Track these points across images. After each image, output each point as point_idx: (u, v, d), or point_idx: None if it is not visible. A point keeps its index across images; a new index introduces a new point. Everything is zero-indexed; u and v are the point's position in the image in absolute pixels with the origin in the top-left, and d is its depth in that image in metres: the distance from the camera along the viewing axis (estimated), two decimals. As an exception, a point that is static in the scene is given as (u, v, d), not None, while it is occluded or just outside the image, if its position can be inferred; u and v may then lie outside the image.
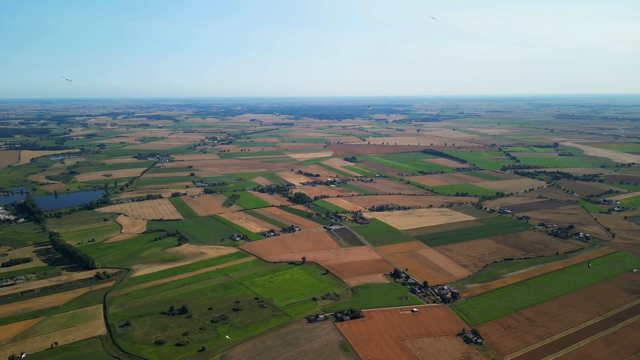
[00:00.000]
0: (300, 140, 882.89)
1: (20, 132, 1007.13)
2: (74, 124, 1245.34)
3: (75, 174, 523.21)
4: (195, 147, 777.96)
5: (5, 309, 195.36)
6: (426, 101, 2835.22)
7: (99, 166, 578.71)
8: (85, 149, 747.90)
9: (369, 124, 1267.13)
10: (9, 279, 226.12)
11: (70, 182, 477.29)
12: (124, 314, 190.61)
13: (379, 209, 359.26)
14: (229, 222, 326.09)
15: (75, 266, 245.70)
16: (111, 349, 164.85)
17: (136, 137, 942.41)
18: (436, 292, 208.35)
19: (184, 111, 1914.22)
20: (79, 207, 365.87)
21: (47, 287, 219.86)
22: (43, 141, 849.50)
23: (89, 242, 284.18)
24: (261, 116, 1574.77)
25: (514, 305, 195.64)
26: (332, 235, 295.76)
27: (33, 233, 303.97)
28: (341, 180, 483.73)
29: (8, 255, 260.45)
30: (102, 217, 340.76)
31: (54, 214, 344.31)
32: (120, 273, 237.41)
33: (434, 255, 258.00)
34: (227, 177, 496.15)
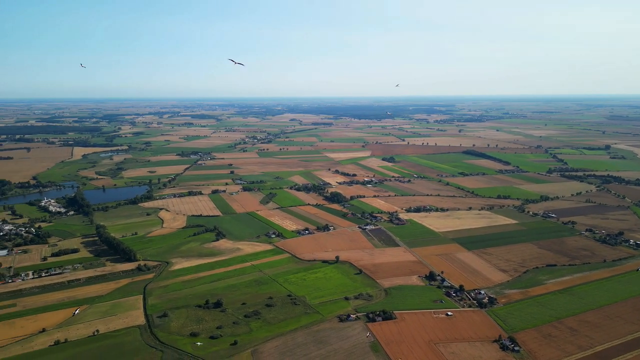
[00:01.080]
0: (339, 139, 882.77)
1: (73, 130, 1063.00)
2: (123, 123, 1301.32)
3: (123, 170, 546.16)
4: (236, 145, 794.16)
5: (53, 297, 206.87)
6: (469, 101, 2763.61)
7: (144, 163, 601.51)
8: (133, 146, 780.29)
9: (409, 124, 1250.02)
10: (57, 268, 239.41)
11: (118, 178, 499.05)
12: (162, 305, 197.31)
13: (416, 210, 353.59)
14: (265, 220, 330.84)
15: (118, 258, 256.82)
16: (149, 338, 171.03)
17: (180, 135, 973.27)
18: (472, 297, 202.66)
19: (227, 111, 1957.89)
20: (125, 202, 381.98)
21: (92, 277, 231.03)
22: (94, 138, 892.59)
23: (132, 235, 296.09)
24: (301, 116, 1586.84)
25: (555, 313, 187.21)
26: (367, 236, 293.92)
27: (81, 225, 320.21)
28: (378, 180, 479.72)
29: (58, 245, 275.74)
30: (145, 212, 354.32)
31: (101, 208, 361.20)
32: (160, 266, 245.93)
33: (472, 259, 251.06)
34: (265, 176, 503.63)
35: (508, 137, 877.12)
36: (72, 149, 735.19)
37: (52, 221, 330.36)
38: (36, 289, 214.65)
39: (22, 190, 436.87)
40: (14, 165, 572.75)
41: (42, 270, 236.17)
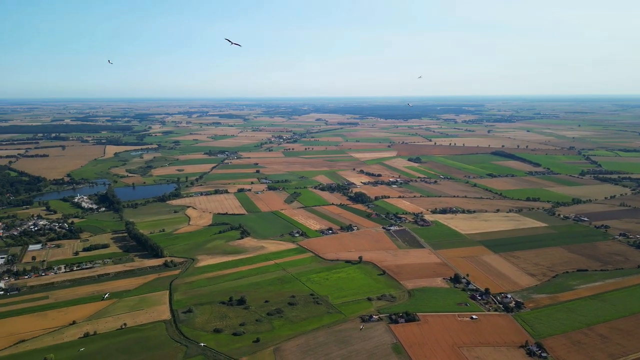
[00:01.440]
0: (364, 139, 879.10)
1: (106, 129, 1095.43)
2: (153, 122, 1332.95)
3: (152, 168, 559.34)
4: (262, 145, 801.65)
5: (84, 290, 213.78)
6: (499, 101, 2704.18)
7: (173, 161, 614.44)
8: (162, 145, 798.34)
9: (436, 124, 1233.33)
10: (88, 263, 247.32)
11: (147, 176, 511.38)
12: (187, 301, 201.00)
13: (442, 212, 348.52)
14: (289, 219, 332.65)
15: (146, 254, 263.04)
16: (174, 333, 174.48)
17: (208, 134, 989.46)
18: (498, 301, 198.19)
19: (254, 110, 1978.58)
20: (153, 199, 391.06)
21: (120, 271, 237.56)
22: (125, 137, 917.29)
23: (160, 232, 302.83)
24: (327, 116, 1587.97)
25: (585, 319, 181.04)
26: (391, 236, 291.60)
27: (112, 221, 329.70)
28: (403, 180, 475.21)
29: (89, 240, 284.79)
30: (173, 209, 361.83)
31: (130, 205, 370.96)
32: (186, 262, 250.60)
33: (499, 262, 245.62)
34: (290, 175, 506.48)
35: (539, 138, 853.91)
36: (104, 147, 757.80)
37: (84, 217, 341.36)
38: (68, 282, 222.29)
39: (56, 187, 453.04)
40: (49, 163, 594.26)
41: (74, 264, 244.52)
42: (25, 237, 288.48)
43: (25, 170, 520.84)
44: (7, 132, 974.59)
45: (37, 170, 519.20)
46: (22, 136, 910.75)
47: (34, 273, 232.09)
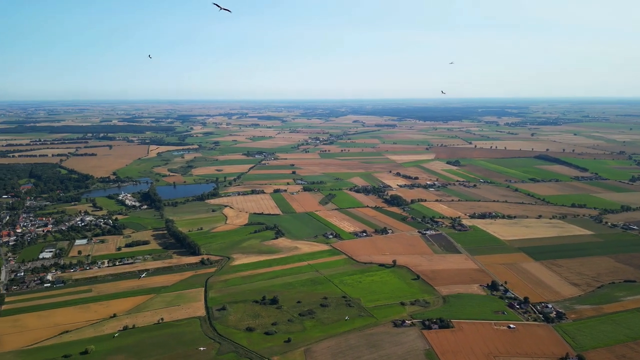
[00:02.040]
0: (401, 141, 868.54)
1: (150, 129, 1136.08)
2: (195, 123, 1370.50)
3: (192, 167, 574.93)
4: (299, 146, 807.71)
5: (125, 285, 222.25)
6: (544, 103, 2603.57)
7: (212, 161, 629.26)
8: (203, 145, 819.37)
9: (477, 126, 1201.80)
10: (129, 258, 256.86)
11: (187, 175, 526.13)
12: (221, 299, 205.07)
13: (481, 216, 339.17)
14: (324, 220, 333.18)
15: (184, 251, 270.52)
16: (208, 329, 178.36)
17: (247, 135, 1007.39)
18: (538, 310, 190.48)
19: (292, 112, 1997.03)
20: (193, 198, 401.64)
21: (159, 268, 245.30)
22: (168, 137, 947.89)
23: (198, 230, 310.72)
24: (364, 117, 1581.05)
25: (631, 332, 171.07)
26: (427, 241, 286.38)
27: (153, 219, 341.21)
28: (441, 184, 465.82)
29: (131, 237, 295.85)
30: (211, 208, 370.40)
31: (171, 203, 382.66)
32: (222, 261, 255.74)
33: (539, 270, 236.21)
34: (326, 176, 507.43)
35: (587, 142, 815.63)
36: (148, 147, 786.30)
37: (127, 214, 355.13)
38: (110, 277, 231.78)
39: (103, 185, 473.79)
40: (97, 161, 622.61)
41: (116, 260, 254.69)
42: (73, 232, 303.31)
43: (74, 169, 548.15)
44: (60, 132, 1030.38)
45: (85, 169, 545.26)
46: (73, 136, 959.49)
47: (79, 267, 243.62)
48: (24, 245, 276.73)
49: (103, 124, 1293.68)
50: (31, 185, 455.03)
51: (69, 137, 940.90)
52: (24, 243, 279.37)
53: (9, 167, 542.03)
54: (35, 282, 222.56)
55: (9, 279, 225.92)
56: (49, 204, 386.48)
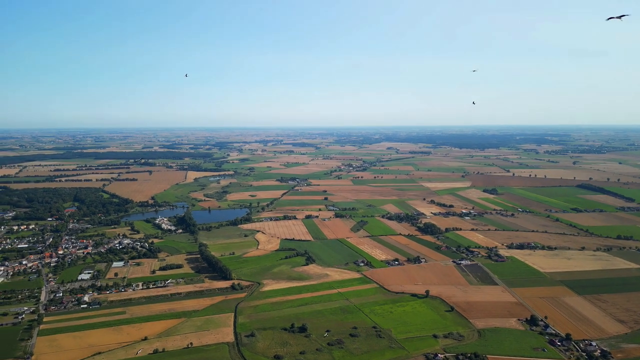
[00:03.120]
0: (436, 169, 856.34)
1: (189, 156, 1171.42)
2: (232, 150, 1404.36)
3: (227, 193, 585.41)
4: (332, 173, 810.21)
5: (157, 308, 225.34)
6: (587, 131, 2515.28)
7: (247, 187, 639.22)
8: (238, 171, 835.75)
9: (515, 154, 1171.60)
10: (163, 281, 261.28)
11: (222, 200, 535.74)
12: (250, 325, 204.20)
13: (519, 247, 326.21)
14: (355, 247, 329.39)
15: (216, 275, 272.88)
16: (236, 356, 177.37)
17: (281, 162, 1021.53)
18: (581, 348, 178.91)
19: (326, 139, 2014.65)
20: (226, 223, 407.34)
21: (191, 291, 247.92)
22: (205, 164, 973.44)
23: (230, 255, 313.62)
24: (398, 144, 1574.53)
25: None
26: (462, 271, 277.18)
27: (187, 243, 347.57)
28: (477, 212, 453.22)
29: (165, 260, 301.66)
30: (243, 233, 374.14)
31: (205, 227, 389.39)
32: (252, 286, 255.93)
33: (582, 305, 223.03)
34: (358, 203, 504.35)
35: (633, 171, 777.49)
36: (186, 172, 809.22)
37: (163, 238, 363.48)
38: (143, 299, 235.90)
39: (141, 209, 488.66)
40: (137, 186, 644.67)
41: (150, 282, 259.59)
42: (111, 254, 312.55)
43: (116, 193, 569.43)
44: (104, 158, 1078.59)
45: (126, 193, 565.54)
46: (116, 161, 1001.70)
47: (114, 289, 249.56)
48: (64, 266, 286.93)
49: (144, 150, 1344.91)
50: (75, 208, 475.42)
51: (112, 162, 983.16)
52: (65, 264, 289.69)
53: (55, 191, 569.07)
54: (73, 303, 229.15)
55: (48, 299, 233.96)
56: (90, 226, 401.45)
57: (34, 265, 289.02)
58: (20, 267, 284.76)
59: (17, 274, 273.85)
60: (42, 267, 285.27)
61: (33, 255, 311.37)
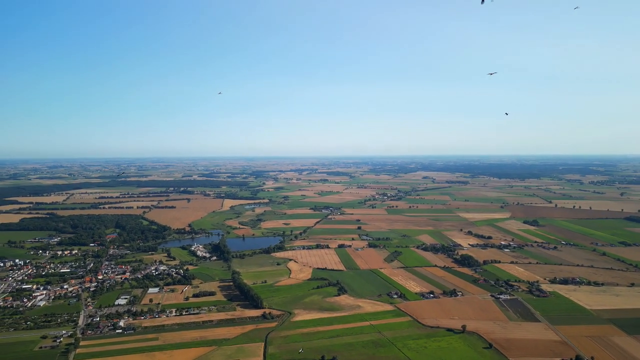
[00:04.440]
0: (474, 199, 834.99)
1: (226, 184, 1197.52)
2: (267, 178, 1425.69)
3: (261, 221, 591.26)
4: (366, 202, 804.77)
5: (188, 335, 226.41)
6: (635, 161, 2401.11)
7: (281, 215, 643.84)
8: (273, 199, 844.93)
9: (557, 184, 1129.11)
10: (196, 308, 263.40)
11: (256, 228, 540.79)
12: (280, 356, 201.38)
13: (562, 282, 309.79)
14: (388, 278, 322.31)
15: (247, 304, 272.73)
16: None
17: (315, 190, 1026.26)
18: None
19: (360, 168, 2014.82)
20: (259, 251, 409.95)
21: (223, 319, 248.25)
22: (242, 192, 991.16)
23: (262, 283, 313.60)
24: (434, 174, 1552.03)
25: None
26: (501, 306, 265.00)
27: (220, 270, 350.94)
28: (517, 244, 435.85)
29: (199, 287, 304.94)
30: (276, 261, 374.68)
31: (238, 255, 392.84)
32: (283, 315, 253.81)
33: (633, 345, 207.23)
34: (392, 233, 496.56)
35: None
36: (222, 200, 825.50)
37: (197, 265, 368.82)
38: (176, 326, 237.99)
39: (178, 236, 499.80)
40: (175, 213, 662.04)
41: (183, 309, 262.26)
42: (147, 280, 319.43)
43: (154, 220, 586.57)
44: (146, 186, 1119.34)
45: (164, 220, 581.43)
46: (157, 189, 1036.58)
47: (149, 314, 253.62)
48: (103, 291, 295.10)
49: (184, 179, 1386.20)
50: (116, 234, 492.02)
51: (153, 190, 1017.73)
52: (103, 289, 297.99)
53: (98, 218, 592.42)
54: (109, 328, 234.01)
55: (85, 324, 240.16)
56: (129, 252, 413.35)
57: (75, 289, 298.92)
58: (61, 291, 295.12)
59: (58, 297, 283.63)
60: (81, 291, 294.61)
61: (74, 279, 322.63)
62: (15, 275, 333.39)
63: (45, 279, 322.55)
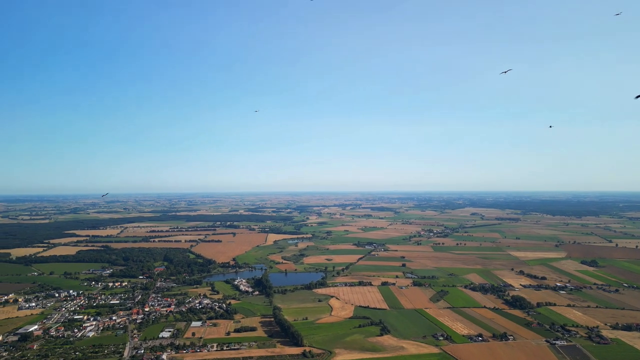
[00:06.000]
0: (526, 237, 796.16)
1: (270, 219, 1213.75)
2: (311, 213, 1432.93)
3: (304, 256, 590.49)
4: (410, 238, 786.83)
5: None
6: None
7: (323, 250, 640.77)
8: (316, 234, 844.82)
9: (618, 222, 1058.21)
10: (236, 344, 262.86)
11: (299, 263, 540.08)
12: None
13: (626, 328, 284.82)
14: (434, 319, 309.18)
15: (287, 341, 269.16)
16: None
17: (359, 226, 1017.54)
18: None
19: (405, 204, 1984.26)
20: (301, 286, 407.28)
21: (262, 356, 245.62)
22: (285, 226, 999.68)
23: (303, 320, 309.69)
24: (483, 210, 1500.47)
25: None
26: (557, 353, 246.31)
27: (262, 305, 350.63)
28: (574, 286, 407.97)
29: (240, 322, 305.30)
30: (317, 298, 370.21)
31: (280, 290, 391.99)
32: (324, 354, 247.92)
33: None
34: (438, 271, 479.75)
35: None
36: (267, 235, 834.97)
37: (240, 299, 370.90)
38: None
39: (223, 269, 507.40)
40: (221, 247, 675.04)
41: (224, 344, 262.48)
42: (191, 313, 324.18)
43: (201, 253, 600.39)
44: (194, 220, 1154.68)
45: (210, 254, 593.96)
46: (205, 224, 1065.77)
47: (191, 348, 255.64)
48: (148, 323, 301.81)
49: (231, 214, 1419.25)
50: (164, 267, 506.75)
51: (201, 224, 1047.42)
52: (149, 321, 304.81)
53: (148, 251, 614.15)
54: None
55: (130, 356, 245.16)
56: (175, 285, 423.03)
57: (122, 321, 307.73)
58: (110, 322, 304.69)
59: (106, 329, 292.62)
60: (128, 323, 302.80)
61: (122, 311, 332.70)
62: (68, 306, 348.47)
63: (95, 310, 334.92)
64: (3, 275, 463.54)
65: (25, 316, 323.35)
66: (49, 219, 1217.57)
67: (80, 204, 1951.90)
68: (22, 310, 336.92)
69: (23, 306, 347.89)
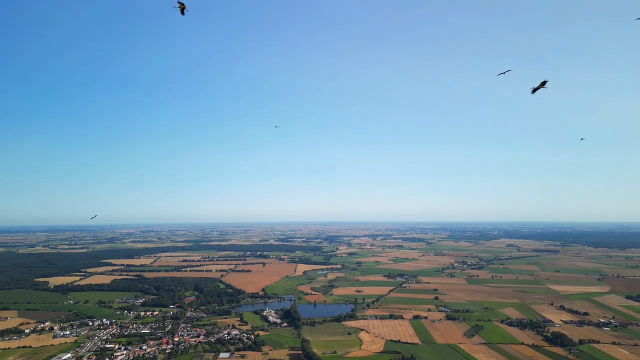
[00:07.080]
0: (566, 270, 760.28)
1: (300, 249, 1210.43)
2: (341, 243, 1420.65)
3: (333, 287, 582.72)
4: (443, 270, 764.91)
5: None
6: None
7: (353, 282, 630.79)
8: (345, 265, 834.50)
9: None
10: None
11: (328, 295, 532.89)
12: None
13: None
14: (468, 355, 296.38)
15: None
16: None
17: (389, 257, 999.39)
18: None
19: (438, 234, 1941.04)
20: (330, 319, 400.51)
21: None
22: (315, 257, 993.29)
23: (331, 354, 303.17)
24: (519, 241, 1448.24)
25: None
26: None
27: (290, 337, 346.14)
28: (620, 323, 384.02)
29: (268, 354, 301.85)
30: (347, 331, 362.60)
31: (309, 322, 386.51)
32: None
33: None
34: (472, 305, 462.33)
35: None
36: (296, 265, 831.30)
37: (268, 330, 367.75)
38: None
39: (252, 300, 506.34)
40: (251, 277, 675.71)
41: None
42: (219, 344, 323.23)
43: (231, 283, 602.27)
44: (225, 250, 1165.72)
45: (239, 284, 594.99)
46: (235, 253, 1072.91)
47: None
48: (177, 353, 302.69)
49: (261, 244, 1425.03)
50: (194, 297, 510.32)
51: (231, 254, 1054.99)
52: (178, 352, 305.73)
53: (179, 280, 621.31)
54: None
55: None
56: (205, 315, 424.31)
57: (152, 350, 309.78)
58: (140, 351, 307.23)
59: (136, 358, 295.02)
60: (158, 353, 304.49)
61: (152, 340, 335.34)
62: (101, 335, 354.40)
63: (127, 339, 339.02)
64: (41, 304, 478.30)
65: (59, 344, 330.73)
66: (86, 248, 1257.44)
67: (117, 234, 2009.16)
68: (57, 338, 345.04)
69: (58, 334, 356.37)
